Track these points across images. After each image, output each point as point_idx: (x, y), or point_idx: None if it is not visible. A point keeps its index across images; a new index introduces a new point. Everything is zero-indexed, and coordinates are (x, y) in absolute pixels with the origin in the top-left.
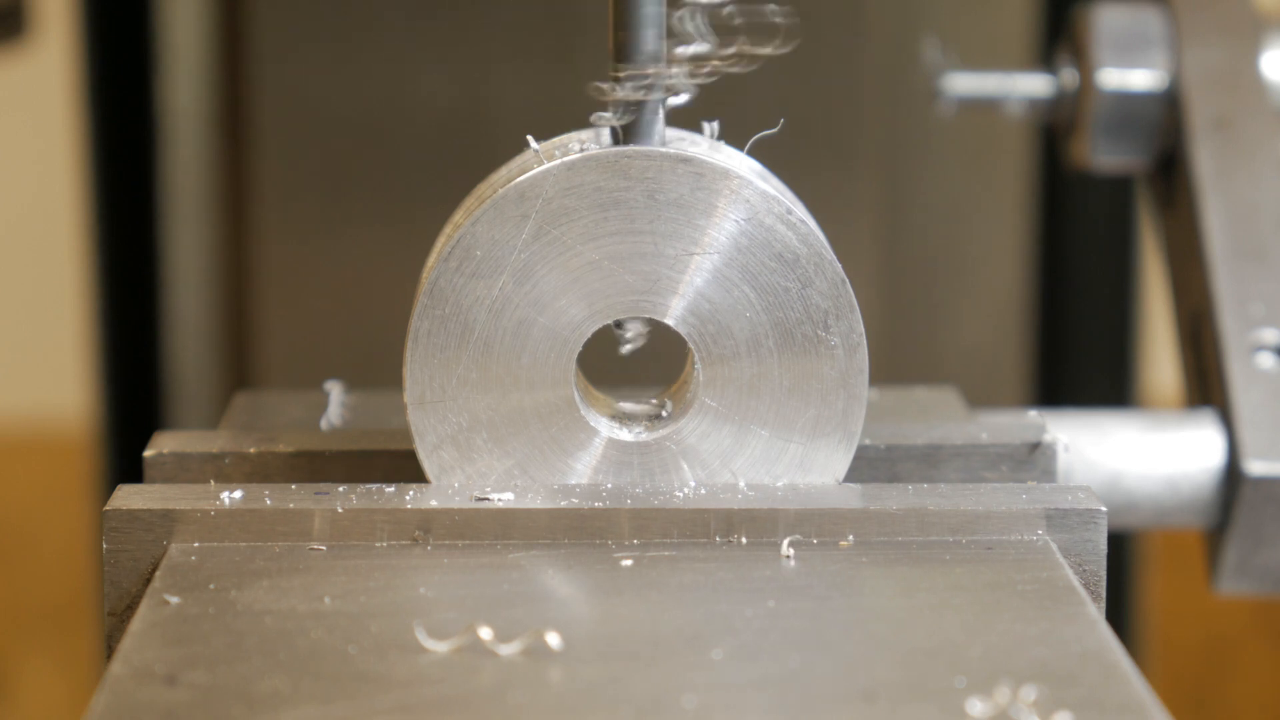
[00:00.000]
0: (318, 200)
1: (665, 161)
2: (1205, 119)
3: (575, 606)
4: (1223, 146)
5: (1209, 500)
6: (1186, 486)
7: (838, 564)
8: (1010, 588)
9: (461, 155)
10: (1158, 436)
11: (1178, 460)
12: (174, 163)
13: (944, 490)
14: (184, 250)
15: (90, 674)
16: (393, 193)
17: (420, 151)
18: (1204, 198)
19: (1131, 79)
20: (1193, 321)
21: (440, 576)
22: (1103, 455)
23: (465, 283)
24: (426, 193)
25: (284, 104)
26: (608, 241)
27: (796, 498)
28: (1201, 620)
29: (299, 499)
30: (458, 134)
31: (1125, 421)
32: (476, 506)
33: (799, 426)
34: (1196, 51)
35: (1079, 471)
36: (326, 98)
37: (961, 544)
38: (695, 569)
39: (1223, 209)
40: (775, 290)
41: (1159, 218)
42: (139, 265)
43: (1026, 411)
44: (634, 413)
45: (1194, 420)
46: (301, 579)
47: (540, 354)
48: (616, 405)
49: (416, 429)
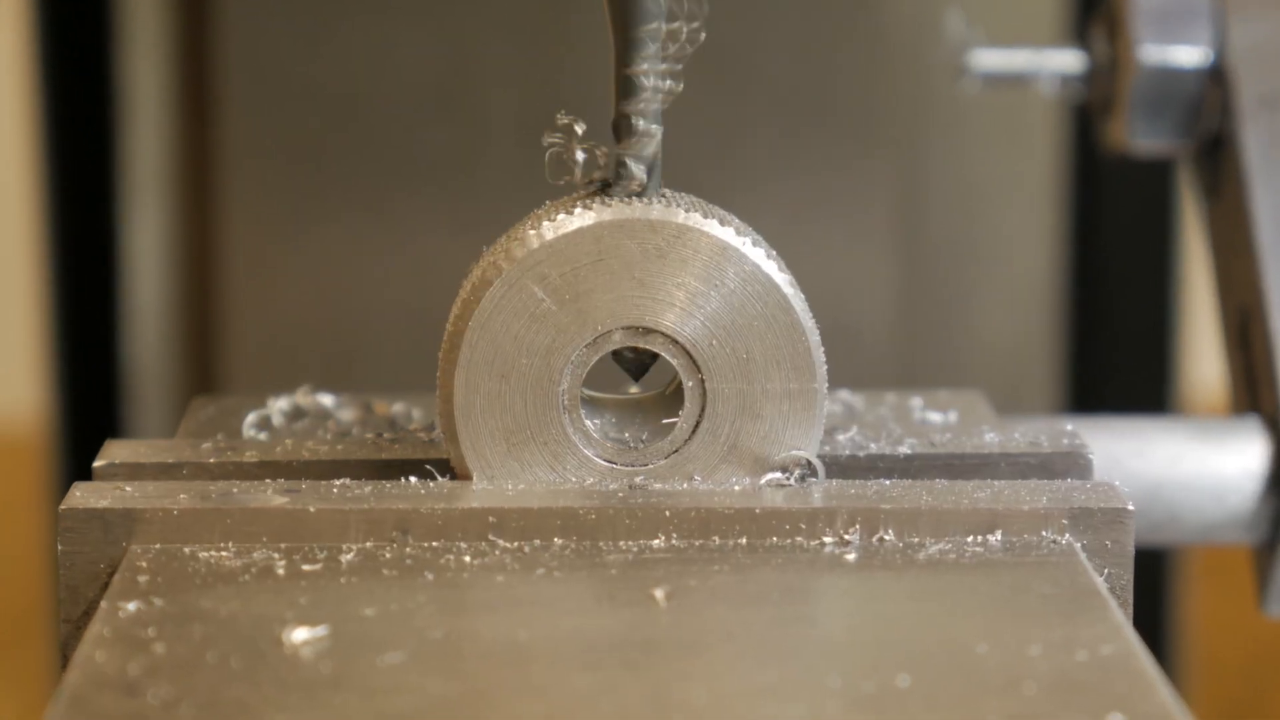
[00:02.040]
0: (290, 184)
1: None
2: (1253, 97)
3: (563, 613)
4: (1273, 127)
5: (1257, 514)
6: (1233, 499)
7: (844, 566)
8: (1031, 592)
9: (447, 133)
10: (1202, 445)
11: (1224, 471)
12: (133, 143)
13: (960, 488)
14: (144, 239)
15: (44, 692)
16: (373, 175)
17: (403, 129)
18: (1252, 183)
19: (1173, 54)
20: (1240, 318)
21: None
22: (1143, 465)
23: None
24: (410, 175)
25: (253, 77)
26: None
27: (798, 496)
28: (1245, 637)
29: (268, 498)
30: (443, 110)
31: (1167, 429)
32: (460, 506)
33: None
34: (1244, 25)
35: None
36: (299, 70)
37: (979, 545)
38: (691, 572)
39: (1273, 195)
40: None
41: (1203, 205)
42: (95, 255)
43: (1058, 418)
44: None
45: (1241, 427)
46: (271, 582)
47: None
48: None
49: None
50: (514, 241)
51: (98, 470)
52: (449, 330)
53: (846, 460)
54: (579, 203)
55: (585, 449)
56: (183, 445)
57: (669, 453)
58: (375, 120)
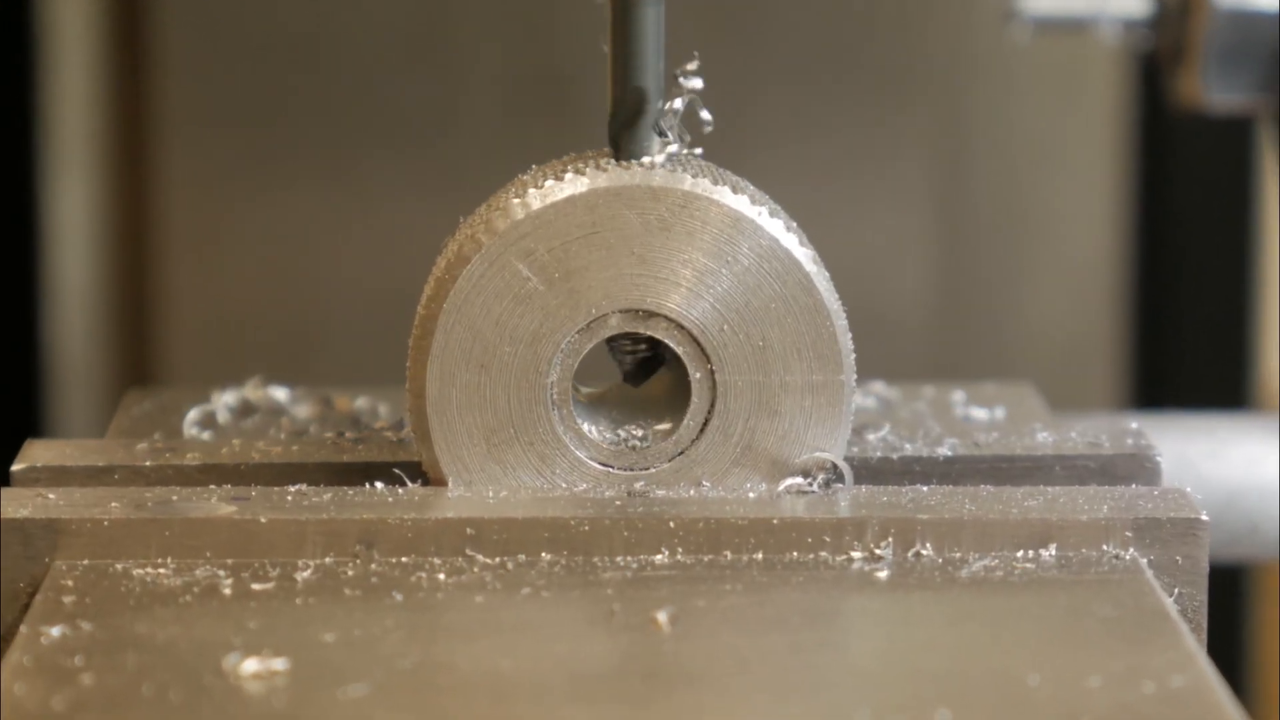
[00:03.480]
0: (238, 144)
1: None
2: None
3: (552, 639)
4: None
5: None
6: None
7: (875, 585)
8: (1090, 615)
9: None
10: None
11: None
12: (56, 98)
13: (1008, 495)
14: (69, 209)
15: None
16: (334, 134)
17: (369, 81)
18: None
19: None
20: None
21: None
22: (1218, 469)
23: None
24: (377, 134)
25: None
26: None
27: (821, 505)
28: None
29: (212, 506)
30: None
31: (1245, 428)
32: (433, 516)
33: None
34: None
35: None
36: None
37: (1029, 561)
38: (698, 592)
39: None
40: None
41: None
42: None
43: (1121, 415)
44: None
45: None
46: (215, 604)
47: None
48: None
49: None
50: (496, 211)
51: (16, 474)
52: (420, 314)
53: (878, 463)
54: (570, 167)
55: (577, 450)
56: (114, 446)
57: (673, 455)
58: (337, 71)
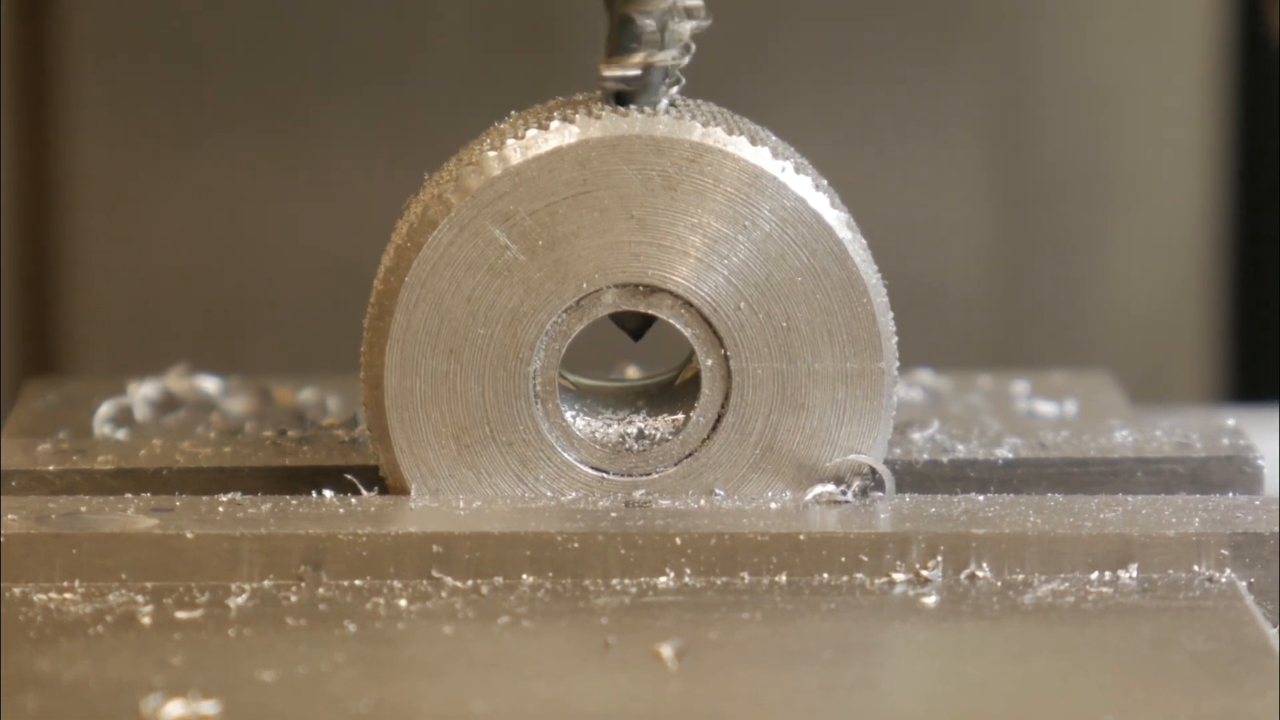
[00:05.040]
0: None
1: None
2: None
3: (535, 677)
4: None
5: None
6: None
7: (921, 613)
8: (1178, 648)
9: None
10: None
11: None
12: None
13: (1081, 507)
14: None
15: None
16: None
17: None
18: None
19: None
20: None
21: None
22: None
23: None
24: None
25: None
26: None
27: (856, 518)
28: None
29: (129, 519)
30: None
31: None
32: (392, 531)
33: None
34: None
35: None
36: None
37: (1106, 585)
38: (710, 622)
39: None
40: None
41: None
42: None
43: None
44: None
45: None
46: (133, 636)
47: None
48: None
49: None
50: (467, 167)
51: None
52: (377, 289)
53: (925, 467)
54: (557, 114)
55: (565, 451)
56: (12, 447)
57: (680, 457)
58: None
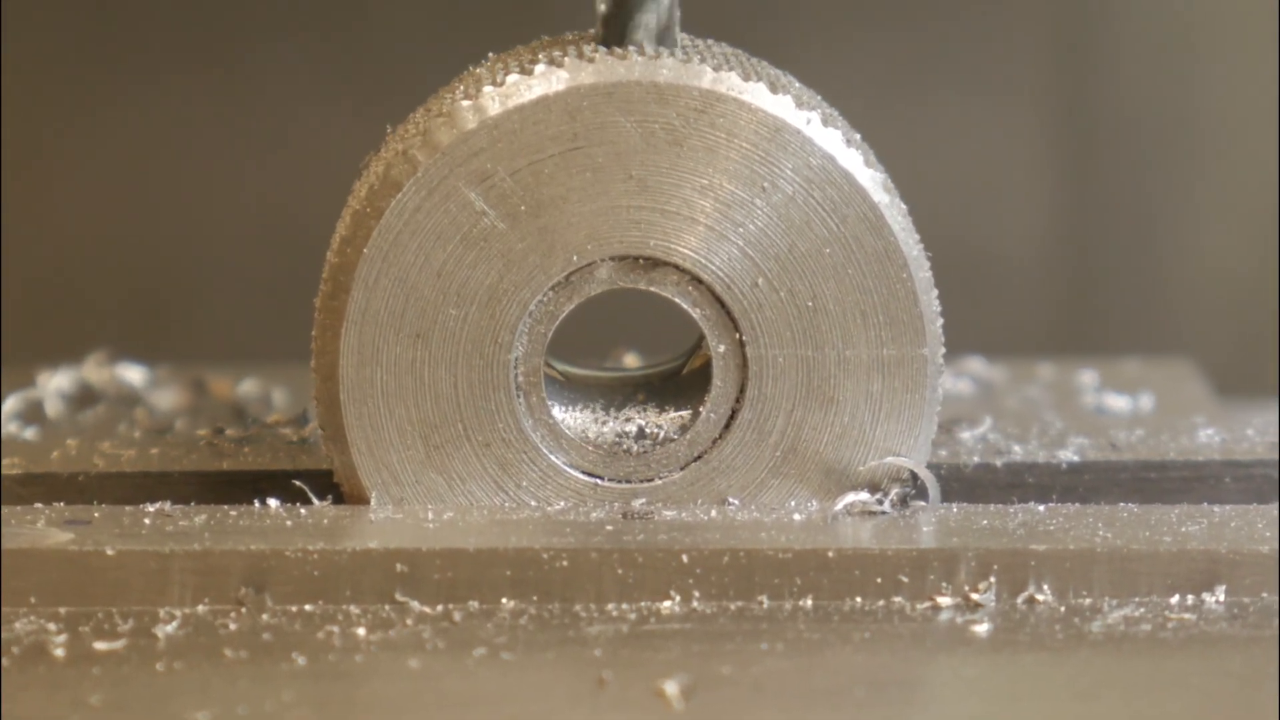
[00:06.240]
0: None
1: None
2: None
3: (526, 717)
4: None
5: None
6: None
7: (971, 643)
8: (1272, 685)
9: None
10: None
11: None
12: None
13: (1159, 519)
14: None
15: None
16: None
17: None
18: None
19: None
20: None
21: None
22: None
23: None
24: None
25: None
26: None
27: (895, 532)
28: None
29: (39, 533)
30: None
31: None
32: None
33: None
34: None
35: None
36: None
37: (1188, 610)
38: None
39: None
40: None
41: None
42: None
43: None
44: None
45: None
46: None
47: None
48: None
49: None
50: (438, 119)
51: None
52: (332, 262)
53: (975, 472)
54: (543, 56)
55: (552, 454)
56: None
57: (688, 460)
58: None
